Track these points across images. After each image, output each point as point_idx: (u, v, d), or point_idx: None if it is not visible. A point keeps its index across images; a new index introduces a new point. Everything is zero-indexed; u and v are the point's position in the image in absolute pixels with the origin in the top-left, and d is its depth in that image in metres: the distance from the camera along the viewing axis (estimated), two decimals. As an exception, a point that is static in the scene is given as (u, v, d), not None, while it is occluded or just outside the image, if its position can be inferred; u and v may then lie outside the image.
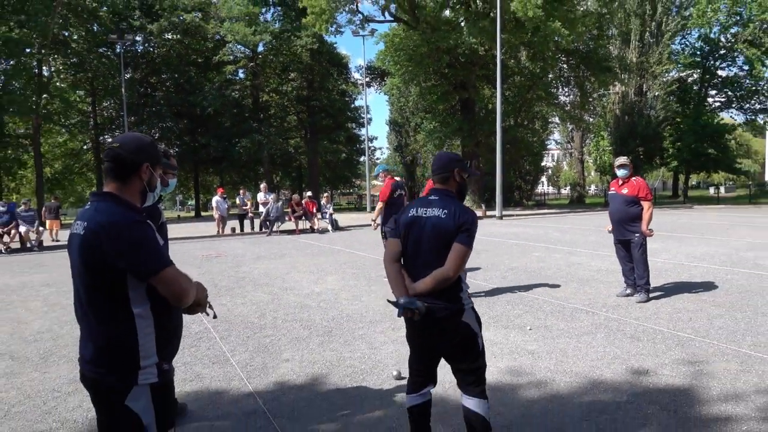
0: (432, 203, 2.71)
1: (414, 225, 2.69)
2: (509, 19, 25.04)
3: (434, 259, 2.62)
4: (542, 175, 50.26)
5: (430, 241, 2.63)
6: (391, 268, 2.72)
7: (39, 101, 29.33)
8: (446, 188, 2.79)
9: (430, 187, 3.03)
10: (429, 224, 2.65)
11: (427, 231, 2.64)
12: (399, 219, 2.80)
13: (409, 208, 2.81)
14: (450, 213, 2.63)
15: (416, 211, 2.72)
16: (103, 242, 1.80)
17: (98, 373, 1.88)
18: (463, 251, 2.59)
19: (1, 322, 6.38)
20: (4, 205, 15.18)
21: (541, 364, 4.33)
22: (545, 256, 10.47)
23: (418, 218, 2.69)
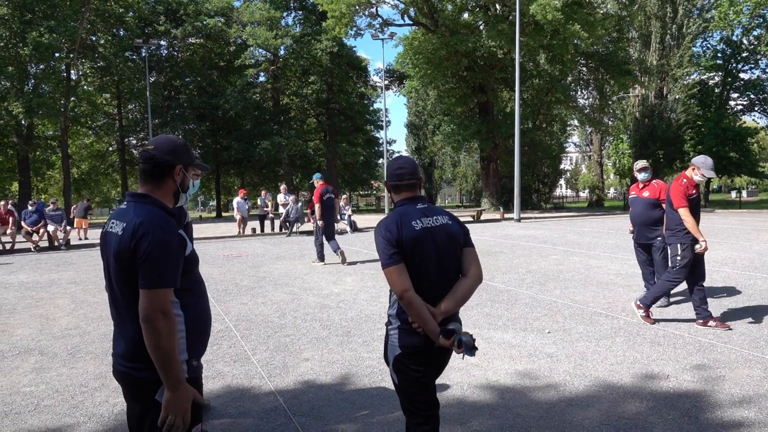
0: (431, 211, 2.44)
1: (424, 239, 2.33)
2: (528, 22, 24.95)
3: (455, 271, 2.42)
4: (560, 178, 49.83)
5: (451, 252, 2.40)
6: (418, 299, 2.28)
7: (67, 104, 30.00)
8: (422, 195, 2.55)
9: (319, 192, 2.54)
10: (444, 233, 2.39)
11: (445, 241, 2.38)
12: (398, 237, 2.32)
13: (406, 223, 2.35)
14: (452, 218, 2.49)
15: (421, 223, 2.36)
16: (134, 242, 1.87)
17: (130, 368, 1.95)
18: (477, 254, 2.47)
19: (31, 318, 6.56)
20: (33, 205, 15.57)
21: (559, 367, 4.34)
22: (563, 259, 10.42)
23: (426, 230, 2.35)
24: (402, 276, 2.30)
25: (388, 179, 2.54)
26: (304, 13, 38.47)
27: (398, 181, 2.46)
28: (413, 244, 2.31)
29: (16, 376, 4.46)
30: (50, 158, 35.71)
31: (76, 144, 38.44)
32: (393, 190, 2.51)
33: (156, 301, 1.84)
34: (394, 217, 2.40)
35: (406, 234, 2.32)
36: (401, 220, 2.37)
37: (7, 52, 27.33)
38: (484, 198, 32.45)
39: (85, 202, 20.44)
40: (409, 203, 2.44)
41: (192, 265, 2.05)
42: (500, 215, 24.22)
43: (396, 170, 2.48)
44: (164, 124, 36.16)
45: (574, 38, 24.60)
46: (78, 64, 32.67)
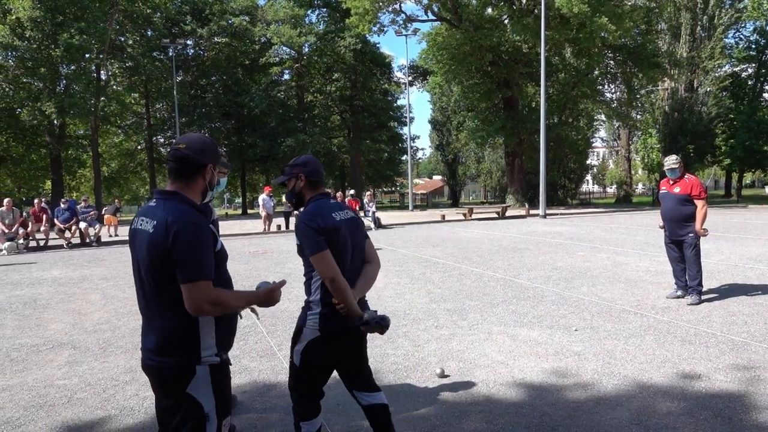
0: (341, 206, 2.72)
1: (341, 229, 2.58)
2: (553, 15, 24.59)
3: (361, 259, 2.72)
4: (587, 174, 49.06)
5: (360, 242, 2.71)
6: (346, 283, 2.49)
7: (97, 104, 30.64)
8: None
9: None
10: (354, 225, 2.69)
11: (355, 232, 2.68)
12: (323, 226, 2.52)
13: (327, 214, 2.58)
14: (355, 212, 2.80)
15: (339, 215, 2.62)
16: (168, 239, 1.90)
17: (161, 362, 1.99)
18: None
19: (64, 313, 6.73)
20: (65, 203, 15.98)
21: (587, 365, 4.27)
22: (590, 255, 10.27)
23: (342, 222, 2.61)
24: (332, 261, 2.48)
25: (310, 175, 2.71)
26: (327, 11, 38.57)
27: (319, 177, 2.74)
28: (334, 233, 2.54)
29: (50, 369, 4.59)
30: (81, 157, 36.52)
31: (106, 143, 39.24)
32: (313, 185, 2.71)
33: (200, 293, 1.89)
34: (316, 209, 2.60)
35: (328, 223, 2.54)
36: (322, 212, 2.59)
37: (39, 53, 28.02)
38: (508, 194, 32.16)
39: (116, 203, 20.95)
40: (324, 198, 2.68)
41: (221, 261, 2.08)
42: (525, 211, 23.98)
43: (319, 168, 2.75)
44: (191, 122, 36.66)
45: (601, 31, 24.14)
46: (107, 64, 33.34)
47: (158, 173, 40.79)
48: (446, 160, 51.62)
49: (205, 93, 39.26)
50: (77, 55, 28.52)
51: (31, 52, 27.90)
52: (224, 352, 2.08)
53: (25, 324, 6.22)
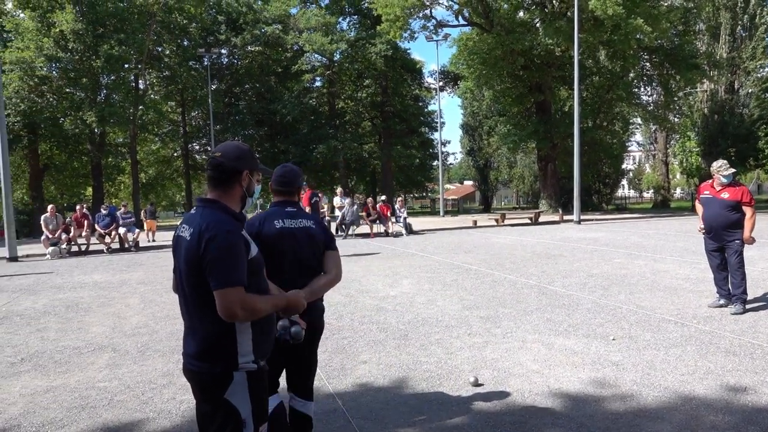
0: (297, 215, 2.80)
1: (285, 236, 2.70)
2: (587, 18, 24.21)
3: (314, 269, 2.78)
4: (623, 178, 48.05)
5: (307, 251, 2.75)
6: None
7: (136, 112, 31.54)
8: (295, 200, 2.90)
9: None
10: (304, 234, 2.76)
11: (304, 241, 2.74)
12: (260, 232, 2.67)
13: (269, 222, 2.74)
14: (317, 223, 2.86)
15: (283, 223, 2.73)
16: (202, 246, 1.94)
17: (200, 367, 2.02)
18: (338, 257, 2.88)
19: (105, 316, 6.92)
20: (105, 209, 16.46)
21: (626, 376, 4.17)
22: (627, 262, 10.03)
23: (288, 229, 2.73)
24: None
25: (270, 182, 2.86)
26: (358, 18, 38.86)
27: (277, 186, 2.84)
28: (271, 240, 2.66)
29: (91, 372, 4.71)
30: (120, 164, 37.62)
31: (143, 150, 40.28)
32: (273, 192, 2.87)
33: (230, 299, 1.90)
34: (261, 215, 2.80)
35: (266, 230, 2.69)
36: (266, 219, 2.76)
37: (81, 64, 29.01)
38: (542, 199, 31.72)
39: (150, 206, 21.51)
40: (279, 206, 2.80)
41: (258, 267, 2.11)
42: (559, 217, 23.59)
43: (277, 177, 2.84)
44: (225, 130, 37.39)
45: (636, 33, 23.65)
46: (145, 74, 34.30)
47: (194, 180, 41.68)
48: (478, 165, 51.29)
49: (239, 101, 39.99)
50: (117, 65, 29.44)
51: (73, 63, 28.91)
52: (261, 359, 2.10)
53: (68, 327, 6.42)
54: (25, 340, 5.85)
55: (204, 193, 2.20)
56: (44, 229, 15.01)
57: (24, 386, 4.41)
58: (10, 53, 27.31)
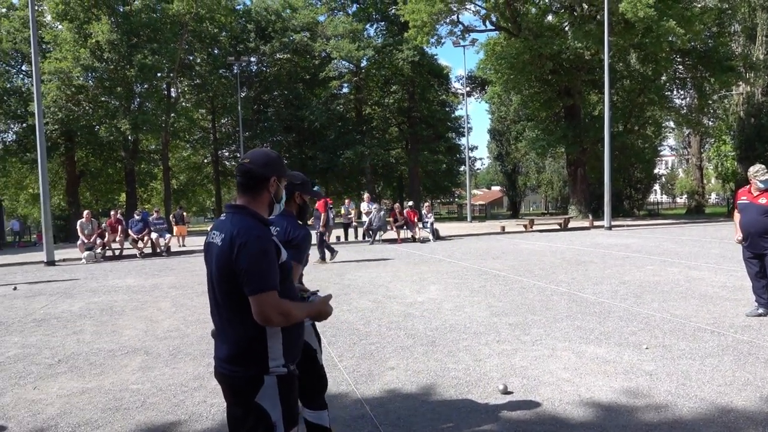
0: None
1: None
2: (617, 20, 23.85)
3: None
4: (655, 183, 47.06)
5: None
6: None
7: (168, 120, 32.28)
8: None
9: None
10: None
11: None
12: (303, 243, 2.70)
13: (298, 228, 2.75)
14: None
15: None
16: (234, 251, 1.96)
17: (231, 371, 2.05)
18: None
19: (137, 320, 7.07)
20: (138, 214, 16.85)
21: (660, 386, 4.07)
22: (660, 269, 9.80)
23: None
24: None
25: None
26: (386, 24, 39.05)
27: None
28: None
29: (125, 374, 4.81)
30: (153, 170, 38.51)
31: (175, 157, 41.15)
32: None
33: (266, 304, 1.93)
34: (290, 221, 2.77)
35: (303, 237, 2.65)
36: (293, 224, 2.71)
37: (116, 74, 29.83)
38: (571, 205, 31.27)
39: (179, 210, 21.93)
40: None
41: (288, 272, 2.13)
42: (589, 223, 23.21)
43: None
44: (254, 136, 37.94)
45: (668, 35, 23.18)
46: (177, 82, 35.09)
47: (223, 185, 42.34)
48: (505, 170, 50.85)
49: (267, 108, 40.55)
50: (150, 74, 30.20)
51: (108, 72, 29.75)
52: (291, 363, 2.12)
53: (102, 330, 6.57)
54: (62, 342, 6.02)
55: (233, 199, 2.22)
56: (80, 234, 15.44)
57: (61, 387, 4.53)
58: (49, 64, 28.26)
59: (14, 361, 5.34)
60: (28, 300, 9.04)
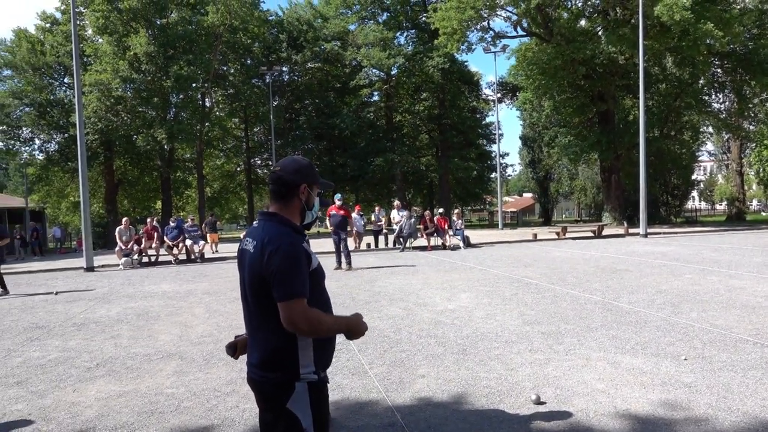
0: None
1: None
2: (652, 24, 23.38)
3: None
4: (693, 190, 45.80)
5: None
6: None
7: (202, 129, 33.02)
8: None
9: None
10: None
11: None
12: None
13: None
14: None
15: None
16: (264, 258, 1.99)
17: (263, 377, 2.08)
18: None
19: (172, 325, 7.21)
20: (173, 221, 17.23)
21: (700, 399, 3.94)
22: (699, 278, 9.51)
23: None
24: None
25: None
26: (416, 32, 39.14)
27: None
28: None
29: (160, 378, 4.91)
30: (188, 179, 39.38)
31: (209, 165, 42.01)
32: None
33: (294, 311, 1.95)
34: None
35: None
36: None
37: (153, 84, 30.68)
38: (605, 212, 30.65)
39: (211, 217, 22.36)
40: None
41: (319, 279, 2.15)
42: (624, 230, 22.72)
43: None
44: (286, 144, 38.43)
45: (706, 38, 22.58)
46: (211, 92, 35.88)
47: (255, 193, 42.97)
48: (537, 177, 50.29)
49: (299, 116, 41.05)
50: (185, 84, 30.97)
51: (145, 83, 30.62)
52: (322, 371, 2.13)
53: (139, 334, 6.73)
54: (100, 347, 6.18)
55: (265, 206, 2.24)
56: (118, 241, 15.87)
57: (99, 390, 4.65)
58: (89, 76, 29.26)
59: (55, 364, 5.51)
60: (69, 305, 9.33)
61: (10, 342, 6.60)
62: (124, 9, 29.77)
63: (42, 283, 12.84)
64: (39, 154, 36.49)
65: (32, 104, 33.14)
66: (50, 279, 13.87)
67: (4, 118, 33.38)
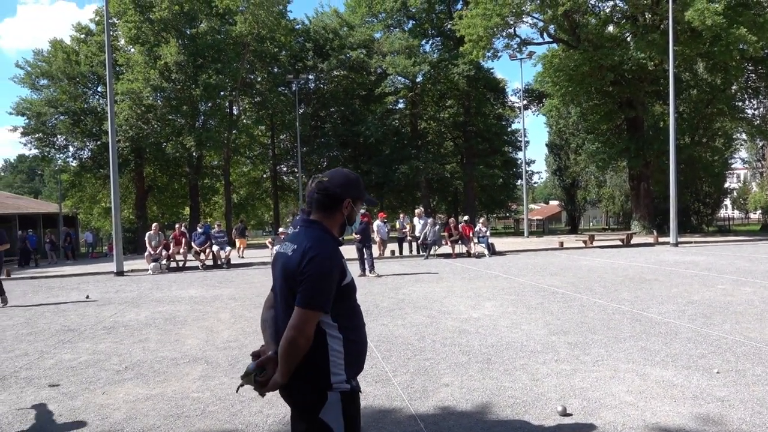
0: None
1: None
2: (683, 29, 22.95)
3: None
4: (725, 198, 44.67)
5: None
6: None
7: (229, 136, 33.54)
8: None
9: None
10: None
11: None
12: None
13: None
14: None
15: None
16: (302, 263, 1.98)
17: (294, 386, 2.05)
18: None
19: (199, 330, 7.31)
20: (201, 227, 17.49)
21: (733, 413, 3.82)
22: (733, 289, 9.25)
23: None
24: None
25: None
26: (441, 39, 39.17)
27: None
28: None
29: (186, 382, 4.98)
30: (215, 185, 39.98)
31: (236, 172, 42.60)
32: None
33: (304, 321, 1.94)
34: None
35: None
36: None
37: (182, 93, 31.32)
38: (634, 220, 30.08)
39: (240, 223, 22.68)
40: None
41: (351, 292, 2.12)
42: (653, 239, 22.25)
43: None
44: (311, 152, 38.76)
45: (739, 43, 22.08)
46: (239, 100, 36.45)
47: (281, 200, 43.38)
48: (564, 184, 49.64)
49: (324, 123, 41.37)
50: (214, 93, 31.55)
51: (175, 92, 31.29)
52: (353, 379, 2.11)
53: (166, 339, 6.83)
54: (129, 350, 6.29)
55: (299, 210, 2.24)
56: (147, 245, 16.17)
57: (127, 393, 4.73)
58: (121, 85, 30.01)
59: (86, 367, 5.63)
60: (99, 308, 9.53)
61: (43, 344, 6.78)
62: (156, 19, 30.51)
63: (74, 287, 13.16)
64: (73, 161, 37.59)
65: (67, 112, 34.14)
66: (82, 283, 14.20)
67: (40, 126, 34.45)
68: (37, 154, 36.93)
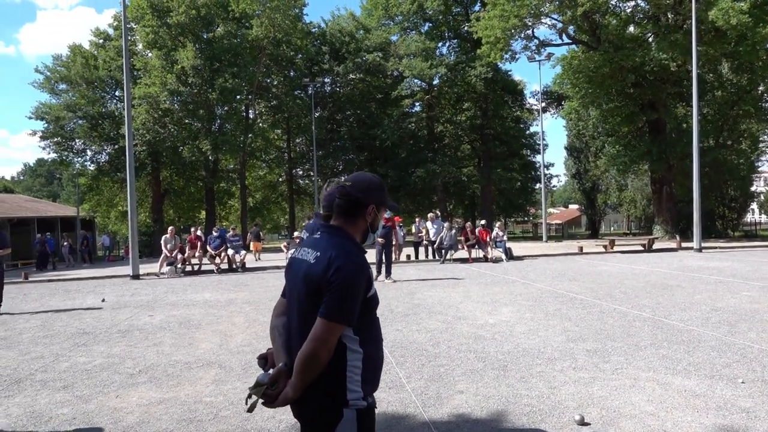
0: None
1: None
2: (707, 29, 22.56)
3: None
4: (752, 202, 43.76)
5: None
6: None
7: (245, 140, 33.74)
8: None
9: None
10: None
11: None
12: None
13: None
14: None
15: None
16: (329, 272, 1.87)
17: (307, 402, 1.94)
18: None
19: (213, 334, 7.30)
20: (216, 231, 17.59)
21: (759, 425, 3.67)
22: (759, 296, 9.00)
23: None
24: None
25: None
26: (458, 42, 39.04)
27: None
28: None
29: (199, 387, 4.95)
30: (231, 189, 40.25)
31: (251, 176, 42.85)
32: None
33: (328, 333, 1.84)
34: None
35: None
36: None
37: (199, 97, 31.62)
38: (656, 225, 29.58)
39: (255, 227, 22.77)
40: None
41: (374, 304, 2.01)
42: (676, 244, 21.85)
43: None
44: (327, 155, 38.84)
45: (765, 42, 21.65)
46: (255, 104, 36.68)
47: (297, 204, 43.50)
48: (584, 188, 49.07)
49: (340, 127, 41.46)
50: (230, 96, 31.80)
51: (192, 96, 31.59)
52: (370, 396, 2.00)
53: (180, 342, 6.83)
54: (143, 353, 6.30)
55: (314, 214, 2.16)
56: (163, 248, 16.29)
57: (140, 397, 4.72)
58: (139, 89, 30.39)
59: (100, 370, 5.64)
60: (115, 312, 9.59)
61: (58, 347, 6.82)
62: (173, 24, 30.85)
63: (90, 290, 13.29)
64: (90, 164, 38.11)
65: (85, 117, 34.67)
66: (98, 286, 14.34)
67: (58, 130, 35.03)
68: (55, 158, 37.54)
